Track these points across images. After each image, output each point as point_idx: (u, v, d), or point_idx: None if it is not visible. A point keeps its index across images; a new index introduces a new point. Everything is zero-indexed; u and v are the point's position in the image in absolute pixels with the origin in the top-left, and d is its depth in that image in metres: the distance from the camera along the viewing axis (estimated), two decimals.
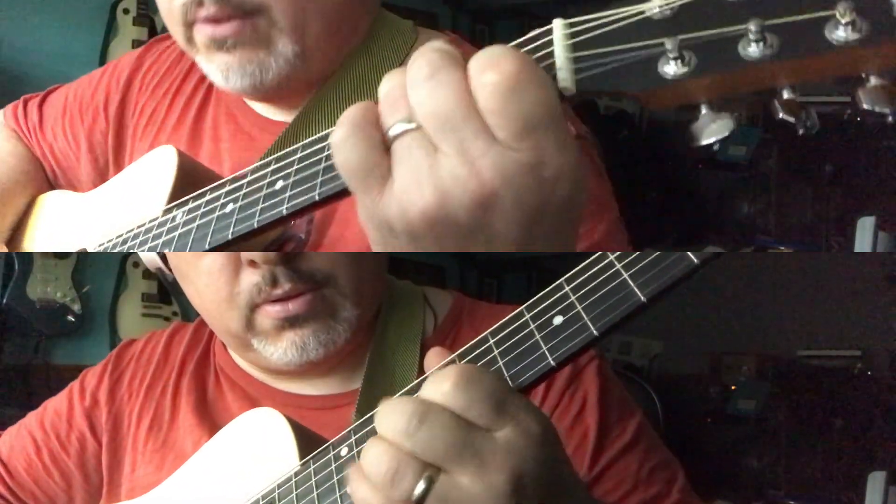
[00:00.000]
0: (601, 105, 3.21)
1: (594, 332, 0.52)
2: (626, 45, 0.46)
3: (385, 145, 0.50)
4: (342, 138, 0.50)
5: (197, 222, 0.69)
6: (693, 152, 3.07)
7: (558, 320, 0.54)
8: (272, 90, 0.85)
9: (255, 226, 0.63)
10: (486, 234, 0.49)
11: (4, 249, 0.99)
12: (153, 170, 0.81)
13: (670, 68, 0.46)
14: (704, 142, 0.48)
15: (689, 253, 0.50)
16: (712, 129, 0.47)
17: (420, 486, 0.50)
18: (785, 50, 0.44)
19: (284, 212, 0.60)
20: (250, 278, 0.78)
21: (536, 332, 0.55)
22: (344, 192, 0.55)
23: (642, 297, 0.51)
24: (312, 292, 0.79)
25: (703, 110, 0.48)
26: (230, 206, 0.66)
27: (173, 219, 0.72)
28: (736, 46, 0.45)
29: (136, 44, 2.54)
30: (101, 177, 1.03)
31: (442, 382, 0.51)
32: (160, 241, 0.72)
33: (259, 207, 0.63)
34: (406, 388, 0.59)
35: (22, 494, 0.95)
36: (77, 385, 0.98)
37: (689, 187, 3.03)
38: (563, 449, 0.56)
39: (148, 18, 2.60)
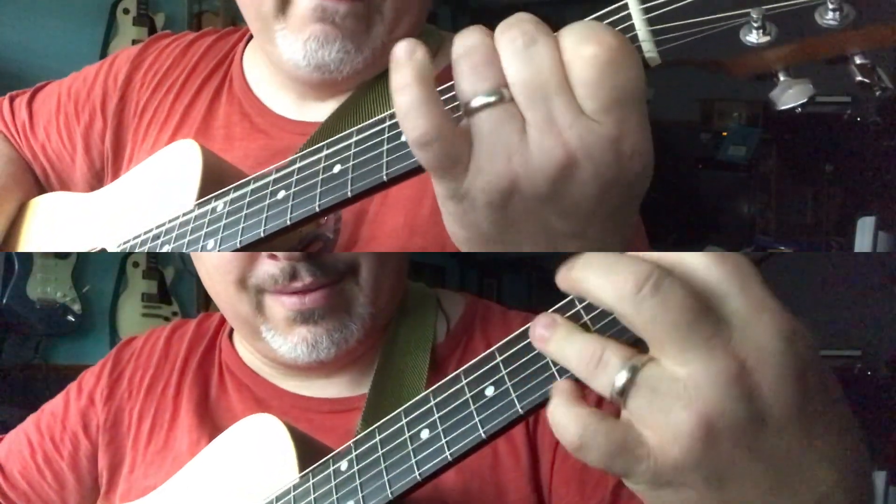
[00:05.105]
0: None
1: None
2: (710, 17, 0.49)
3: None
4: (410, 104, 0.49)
5: (245, 211, 0.68)
6: (694, 152, 3.07)
7: None
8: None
9: (318, 209, 0.62)
10: (561, 205, 0.49)
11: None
12: (174, 165, 0.79)
13: (753, 37, 0.49)
14: (784, 107, 0.50)
15: None
16: (791, 95, 0.50)
17: (623, 375, 0.44)
18: (860, 18, 0.48)
19: (349, 194, 0.59)
20: (267, 269, 0.76)
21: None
22: (412, 172, 0.55)
23: None
24: (330, 286, 0.78)
25: (782, 77, 0.50)
26: (282, 193, 0.65)
27: (213, 210, 0.71)
28: (813, 15, 0.48)
29: (135, 44, 2.54)
30: (97, 178, 1.00)
31: (699, 256, 0.44)
32: (201, 233, 0.71)
33: (318, 192, 0.62)
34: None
35: (16, 497, 0.93)
36: (75, 386, 0.96)
37: (689, 187, 3.03)
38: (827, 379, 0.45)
39: (148, 18, 2.61)
